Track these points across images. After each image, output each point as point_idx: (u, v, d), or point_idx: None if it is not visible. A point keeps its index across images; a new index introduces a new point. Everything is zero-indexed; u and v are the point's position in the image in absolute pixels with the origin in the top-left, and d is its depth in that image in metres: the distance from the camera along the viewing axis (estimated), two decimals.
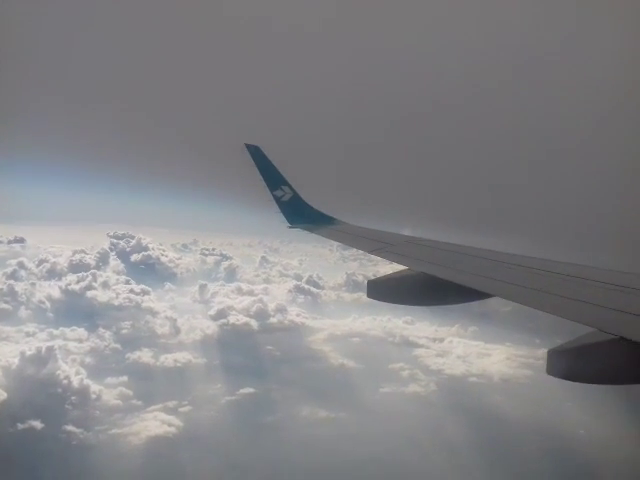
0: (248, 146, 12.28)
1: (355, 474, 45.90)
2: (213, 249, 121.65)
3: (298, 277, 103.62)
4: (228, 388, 60.20)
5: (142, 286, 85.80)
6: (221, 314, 77.68)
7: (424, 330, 79.56)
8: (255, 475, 46.02)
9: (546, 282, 6.39)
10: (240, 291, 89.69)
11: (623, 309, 5.25)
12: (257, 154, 12.37)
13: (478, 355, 70.54)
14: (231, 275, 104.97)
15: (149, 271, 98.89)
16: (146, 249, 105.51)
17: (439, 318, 78.29)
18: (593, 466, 46.69)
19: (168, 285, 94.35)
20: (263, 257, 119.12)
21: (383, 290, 7.85)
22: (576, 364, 4.90)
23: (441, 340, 75.96)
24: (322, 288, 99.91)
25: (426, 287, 7.29)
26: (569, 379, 4.97)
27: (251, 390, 59.91)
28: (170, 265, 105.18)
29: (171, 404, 55.93)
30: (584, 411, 53.44)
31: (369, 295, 7.72)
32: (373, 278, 7.94)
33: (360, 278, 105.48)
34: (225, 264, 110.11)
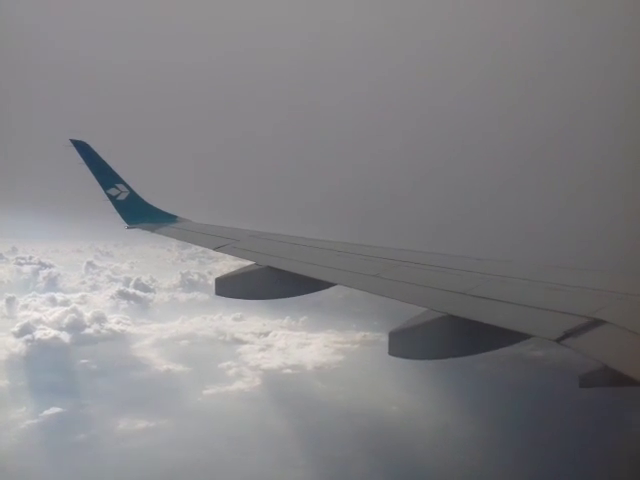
0: (75, 142, 11.15)
1: None
2: (31, 257, 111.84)
3: (128, 281, 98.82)
4: (32, 411, 54.99)
5: None
6: (25, 329, 70.50)
7: (252, 325, 79.45)
8: None
9: (382, 268, 6.81)
10: (54, 302, 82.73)
11: (449, 289, 5.80)
12: (85, 150, 11.24)
13: (298, 345, 71.75)
14: (51, 285, 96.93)
15: None
16: None
17: (272, 311, 78.86)
18: (406, 438, 49.97)
19: None
20: (89, 262, 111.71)
21: (231, 286, 7.83)
22: (412, 343, 5.25)
23: (266, 334, 76.38)
24: (152, 291, 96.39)
25: (273, 280, 7.49)
26: (408, 357, 5.27)
27: (58, 410, 55.11)
28: None
29: None
30: (395, 389, 57.31)
31: (217, 292, 7.69)
32: (220, 275, 7.87)
33: (196, 277, 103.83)
34: (44, 273, 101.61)
